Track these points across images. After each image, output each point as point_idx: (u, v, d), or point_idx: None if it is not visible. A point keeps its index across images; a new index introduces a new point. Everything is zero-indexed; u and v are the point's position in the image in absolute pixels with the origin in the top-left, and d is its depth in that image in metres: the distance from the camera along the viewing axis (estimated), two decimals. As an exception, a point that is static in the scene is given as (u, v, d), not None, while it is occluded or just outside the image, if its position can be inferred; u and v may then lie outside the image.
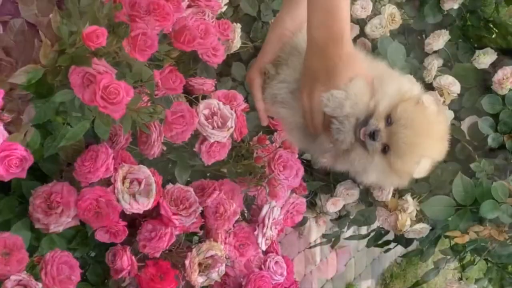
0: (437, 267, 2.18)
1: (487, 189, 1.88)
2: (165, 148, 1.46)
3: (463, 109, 2.15)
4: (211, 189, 1.45)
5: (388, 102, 0.96)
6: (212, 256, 1.40)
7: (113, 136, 1.42)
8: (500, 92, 2.03)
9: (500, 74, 2.01)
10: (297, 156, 1.61)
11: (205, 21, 1.59)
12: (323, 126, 0.99)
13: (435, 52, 2.20)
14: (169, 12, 1.25)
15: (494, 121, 2.03)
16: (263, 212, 1.50)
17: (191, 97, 1.60)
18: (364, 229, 2.94)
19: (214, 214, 1.45)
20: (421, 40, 2.29)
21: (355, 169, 1.01)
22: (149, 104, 1.27)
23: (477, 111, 2.09)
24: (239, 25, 1.80)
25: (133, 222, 1.47)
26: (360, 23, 2.19)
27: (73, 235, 1.38)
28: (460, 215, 1.90)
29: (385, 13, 2.11)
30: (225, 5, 1.82)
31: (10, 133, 1.20)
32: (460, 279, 2.14)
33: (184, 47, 1.23)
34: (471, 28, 2.24)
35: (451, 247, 2.12)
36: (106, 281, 1.44)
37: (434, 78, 2.06)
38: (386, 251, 2.40)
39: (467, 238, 1.91)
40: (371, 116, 0.96)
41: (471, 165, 1.98)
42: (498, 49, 2.14)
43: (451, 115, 2.07)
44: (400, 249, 2.64)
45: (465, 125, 2.10)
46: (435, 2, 2.18)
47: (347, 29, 0.96)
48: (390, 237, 2.26)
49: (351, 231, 2.99)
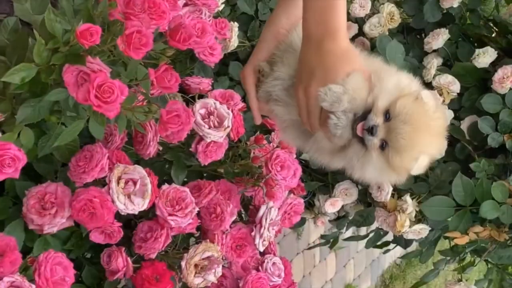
0: (436, 268, 2.17)
1: (487, 189, 1.87)
2: (161, 148, 1.45)
3: (463, 109, 2.14)
4: (208, 190, 1.45)
5: (386, 97, 0.95)
6: (208, 257, 1.39)
7: (108, 136, 1.41)
8: (500, 91, 2.02)
9: (500, 73, 2.00)
10: (295, 156, 1.60)
11: (202, 20, 1.58)
12: (320, 122, 0.97)
13: (434, 51, 2.19)
14: (165, 10, 1.24)
15: (494, 120, 2.02)
16: (260, 212, 1.49)
17: (188, 96, 1.59)
18: (363, 230, 2.93)
19: (210, 214, 1.44)
20: (421, 39, 2.28)
21: (352, 166, 0.99)
22: (144, 103, 1.26)
23: (477, 111, 2.08)
24: (236, 24, 1.80)
25: (128, 223, 1.46)
26: (358, 22, 2.19)
27: (67, 236, 1.38)
28: (459, 216, 1.89)
29: (384, 11, 2.11)
30: (222, 3, 1.81)
31: (3, 133, 1.19)
32: (459, 280, 2.12)
33: (179, 45, 1.21)
34: (471, 27, 2.23)
35: (451, 248, 2.11)
36: (101, 283, 1.43)
37: (433, 77, 2.05)
38: (385, 252, 2.39)
39: (467, 239, 1.90)
40: (369, 111, 0.95)
41: (471, 165, 1.97)
42: (498, 48, 2.14)
43: (451, 114, 2.06)
44: (399, 250, 2.63)
45: (464, 125, 2.09)
46: (435, 0, 2.16)
47: (343, 23, 0.95)
48: (389, 238, 2.24)
49: (350, 232, 2.98)
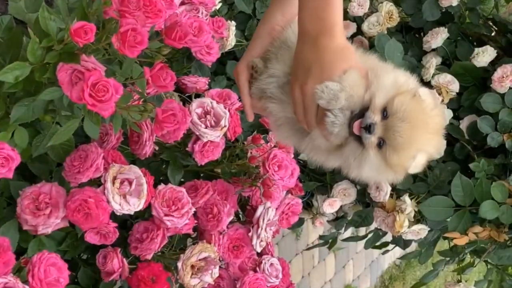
0: (436, 269, 2.16)
1: (486, 189, 1.86)
2: (157, 148, 1.44)
3: (462, 108, 2.13)
4: (205, 190, 1.44)
5: (384, 94, 0.93)
6: (205, 258, 1.38)
7: (104, 135, 1.40)
8: (499, 90, 2.01)
9: (499, 72, 1.99)
10: (292, 156, 1.59)
11: (199, 19, 1.57)
12: (316, 120, 0.96)
13: (433, 50, 2.18)
14: (161, 9, 1.23)
15: (493, 120, 2.01)
16: (258, 213, 1.48)
17: (184, 95, 1.58)
18: (362, 230, 2.92)
19: (207, 215, 1.43)
20: (419, 38, 2.27)
21: (348, 165, 0.98)
22: (140, 102, 1.24)
23: (476, 110, 2.07)
24: (233, 23, 1.78)
25: (124, 223, 1.45)
26: (357, 20, 2.18)
27: (63, 237, 1.37)
28: (459, 216, 1.88)
29: (383, 10, 2.10)
30: (220, 2, 1.80)
31: (-4, 132, 1.18)
32: (459, 281, 2.11)
33: (175, 43, 1.20)
34: (470, 25, 2.22)
35: (450, 249, 2.10)
36: (97, 284, 1.42)
37: (432, 76, 2.04)
38: (384, 253, 2.38)
39: (466, 239, 1.89)
40: (366, 109, 0.93)
41: (470, 165, 1.96)
42: (497, 47, 2.13)
43: (450, 114, 2.05)
44: (399, 251, 2.62)
45: (464, 124, 2.08)
46: (434, -1, 2.16)
47: (340, 20, 0.94)
48: (388, 238, 2.23)
49: (349, 233, 2.97)
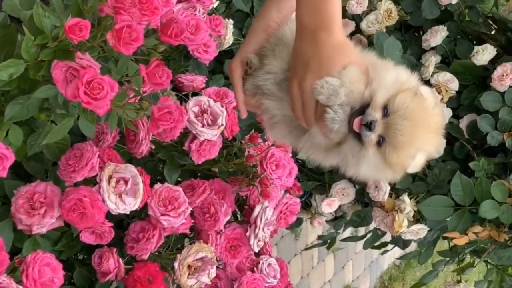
0: (435, 269, 2.14)
1: (486, 188, 1.85)
2: (153, 146, 1.43)
3: (462, 107, 2.13)
4: (201, 189, 1.42)
5: (385, 92, 0.92)
6: (202, 258, 1.36)
7: (100, 134, 1.39)
8: (499, 89, 2.00)
9: (499, 70, 1.98)
10: (290, 155, 1.57)
11: (196, 17, 1.56)
12: (315, 116, 0.94)
13: (432, 48, 2.17)
14: (158, 6, 1.21)
15: (493, 119, 2.00)
16: (255, 212, 1.47)
17: (181, 94, 1.56)
18: (362, 231, 2.91)
19: (204, 214, 1.42)
20: (418, 36, 2.27)
21: (346, 162, 0.96)
22: (136, 100, 1.23)
23: (476, 109, 2.06)
24: (231, 21, 1.77)
25: (120, 223, 1.44)
26: (355, 19, 2.17)
27: (58, 237, 1.35)
28: (458, 216, 1.87)
29: (381, 8, 2.08)
30: (217, 0, 1.79)
31: (-10, 131, 1.17)
32: (459, 281, 2.10)
33: (171, 40, 1.19)
34: (470, 24, 2.21)
35: (450, 249, 2.09)
36: (93, 284, 1.41)
37: (431, 75, 2.03)
38: (383, 253, 2.37)
39: (466, 239, 1.88)
40: (367, 105, 0.92)
41: (470, 164, 1.95)
42: (497, 45, 2.12)
43: (450, 112, 2.04)
44: (398, 251, 2.61)
45: (463, 123, 2.07)
46: (433, -3, 2.15)
47: (338, 15, 0.92)
48: (387, 238, 2.22)
49: (348, 233, 2.95)
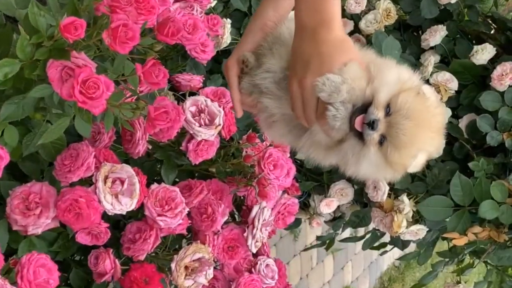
0: (435, 270, 2.14)
1: (486, 189, 1.84)
2: (150, 147, 1.42)
3: (461, 107, 2.12)
4: (199, 189, 1.41)
5: (387, 90, 0.91)
6: (199, 259, 1.36)
7: (96, 134, 1.38)
8: (499, 88, 1.99)
9: (499, 70, 1.98)
10: (288, 155, 1.57)
11: (194, 16, 1.55)
12: (316, 115, 0.93)
13: (431, 48, 2.16)
14: (154, 5, 1.20)
15: (493, 118, 2.00)
16: (253, 213, 1.46)
17: (178, 94, 1.56)
18: (361, 231, 2.90)
19: (201, 215, 1.41)
20: (417, 36, 2.26)
21: (346, 161, 0.95)
22: (133, 100, 1.22)
23: (476, 109, 2.05)
24: (229, 21, 1.77)
25: (117, 223, 1.43)
26: (354, 18, 2.16)
27: (54, 237, 1.34)
28: (458, 216, 1.86)
29: (380, 8, 2.08)
30: (215, 0, 1.78)
31: (-15, 131, 1.16)
32: (458, 282, 2.09)
33: (168, 39, 1.18)
34: (469, 23, 2.20)
35: (449, 249, 2.08)
36: (89, 285, 1.40)
37: (431, 74, 2.03)
38: (382, 254, 2.36)
39: (465, 240, 1.87)
40: (369, 103, 0.91)
41: (470, 164, 1.94)
42: (496, 44, 2.11)
43: (449, 112, 2.03)
44: (398, 252, 2.60)
45: (463, 123, 2.07)
46: (432, -4, 2.14)
47: (338, 13, 0.92)
48: (386, 239, 2.21)
49: (347, 233, 2.94)
